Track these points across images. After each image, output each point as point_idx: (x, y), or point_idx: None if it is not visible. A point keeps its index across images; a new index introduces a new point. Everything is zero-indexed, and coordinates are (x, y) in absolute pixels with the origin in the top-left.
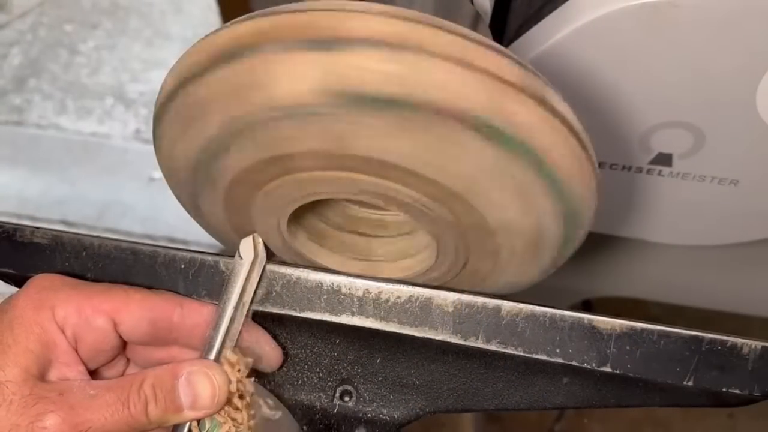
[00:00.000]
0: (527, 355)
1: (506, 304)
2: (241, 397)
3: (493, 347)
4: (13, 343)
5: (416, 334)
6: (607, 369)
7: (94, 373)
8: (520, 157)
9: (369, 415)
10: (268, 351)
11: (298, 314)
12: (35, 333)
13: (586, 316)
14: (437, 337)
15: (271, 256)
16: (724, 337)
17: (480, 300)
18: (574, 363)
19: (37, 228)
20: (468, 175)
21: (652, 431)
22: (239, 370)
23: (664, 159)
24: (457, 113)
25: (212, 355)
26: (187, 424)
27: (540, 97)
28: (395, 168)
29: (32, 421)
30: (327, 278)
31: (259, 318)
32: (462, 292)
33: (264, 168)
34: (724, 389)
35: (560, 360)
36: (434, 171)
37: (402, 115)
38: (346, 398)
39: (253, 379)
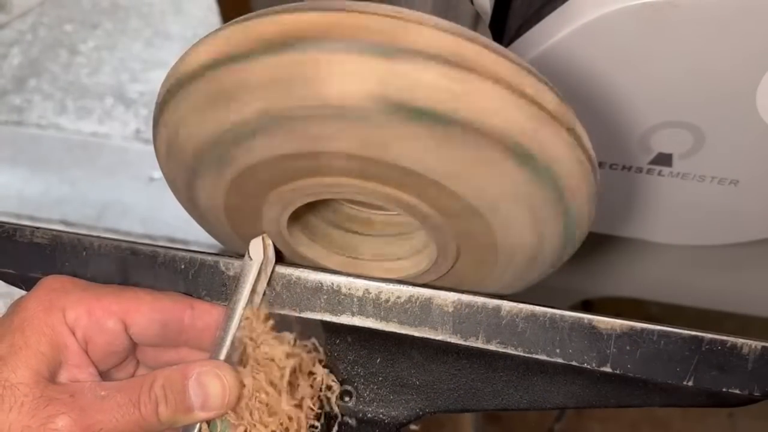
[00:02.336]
0: (527, 355)
1: (506, 304)
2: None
3: (493, 347)
4: (24, 346)
5: (416, 334)
6: (607, 369)
7: (104, 375)
8: (544, 185)
9: (369, 415)
10: None
11: (298, 314)
12: (46, 335)
13: (586, 316)
14: (437, 337)
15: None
16: (724, 337)
17: (480, 300)
18: (574, 363)
19: (37, 228)
20: (492, 194)
21: (652, 431)
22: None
23: (664, 159)
24: (500, 137)
25: (222, 356)
26: (198, 425)
27: (571, 128)
28: (421, 178)
29: (44, 422)
30: (327, 278)
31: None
32: (462, 292)
33: (286, 164)
34: (724, 389)
35: (560, 360)
36: (462, 186)
37: (446, 131)
38: (346, 398)
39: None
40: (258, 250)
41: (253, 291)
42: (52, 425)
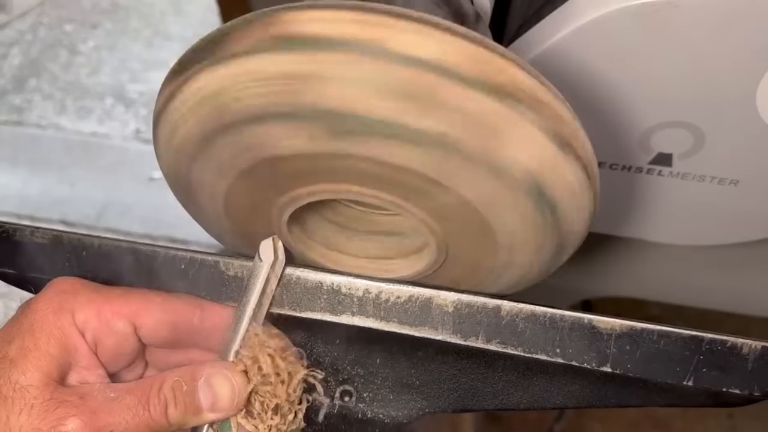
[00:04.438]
0: (527, 355)
1: (506, 304)
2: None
3: (493, 347)
4: (34, 348)
5: (416, 334)
6: (607, 369)
7: (113, 377)
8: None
9: (369, 415)
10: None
11: (298, 314)
12: (56, 337)
13: (586, 316)
14: (437, 337)
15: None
16: (724, 337)
17: (480, 300)
18: (574, 363)
19: (37, 228)
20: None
21: (652, 431)
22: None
23: (664, 159)
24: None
25: (231, 357)
26: (206, 426)
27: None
28: (425, 179)
29: (54, 425)
30: (327, 278)
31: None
32: (462, 292)
33: (285, 165)
34: (724, 389)
35: (560, 360)
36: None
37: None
38: (346, 398)
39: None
40: (268, 251)
41: (263, 292)
42: (62, 428)
